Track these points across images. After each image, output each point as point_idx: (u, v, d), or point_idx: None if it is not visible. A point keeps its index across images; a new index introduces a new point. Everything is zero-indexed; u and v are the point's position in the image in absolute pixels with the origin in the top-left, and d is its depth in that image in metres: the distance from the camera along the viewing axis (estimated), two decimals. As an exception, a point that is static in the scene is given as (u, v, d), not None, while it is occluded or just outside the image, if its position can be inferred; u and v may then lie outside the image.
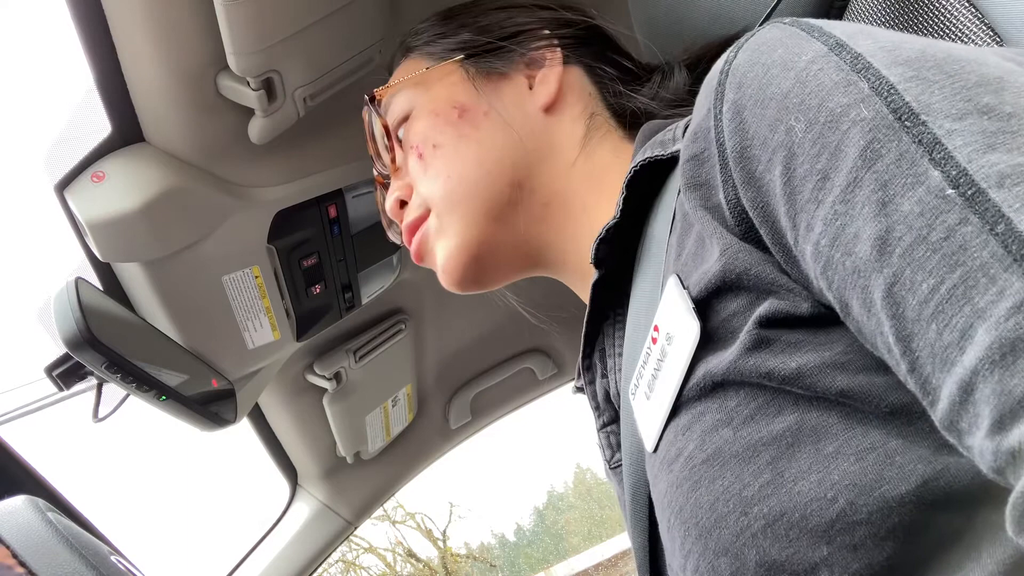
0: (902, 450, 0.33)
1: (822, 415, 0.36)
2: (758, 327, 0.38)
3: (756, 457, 0.37)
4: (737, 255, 0.39)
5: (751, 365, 0.38)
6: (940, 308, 0.28)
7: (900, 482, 0.33)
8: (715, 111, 0.40)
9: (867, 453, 0.34)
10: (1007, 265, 0.26)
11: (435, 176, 0.59)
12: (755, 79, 0.38)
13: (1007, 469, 0.26)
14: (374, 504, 1.48)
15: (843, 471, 0.34)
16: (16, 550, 0.37)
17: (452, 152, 0.59)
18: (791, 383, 0.36)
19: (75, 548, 0.38)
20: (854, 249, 0.32)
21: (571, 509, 11.71)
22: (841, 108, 0.33)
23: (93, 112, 0.72)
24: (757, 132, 0.37)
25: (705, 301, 0.41)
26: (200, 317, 0.88)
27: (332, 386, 1.17)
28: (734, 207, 0.39)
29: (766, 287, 0.38)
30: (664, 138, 0.50)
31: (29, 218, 0.89)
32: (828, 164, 0.33)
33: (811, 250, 0.34)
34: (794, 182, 0.35)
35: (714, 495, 0.38)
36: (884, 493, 0.33)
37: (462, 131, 0.59)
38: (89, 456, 4.89)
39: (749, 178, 0.38)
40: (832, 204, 0.33)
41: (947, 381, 0.28)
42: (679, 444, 0.41)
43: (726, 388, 0.39)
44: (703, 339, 0.41)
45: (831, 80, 0.34)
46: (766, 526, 0.35)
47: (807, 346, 0.37)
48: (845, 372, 0.35)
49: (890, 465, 0.33)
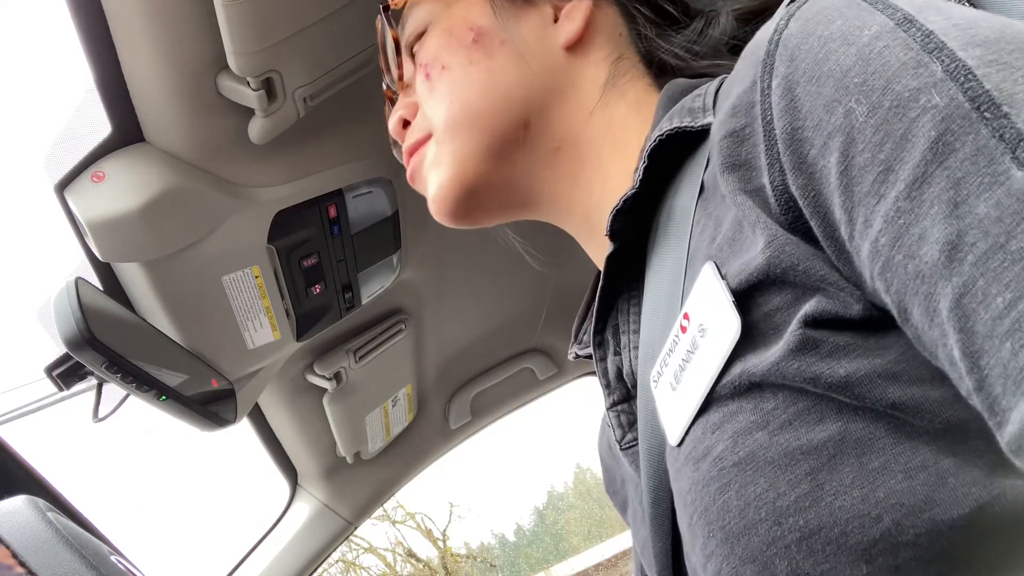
0: (955, 471, 0.31)
1: (868, 427, 0.33)
2: (804, 327, 0.35)
3: (794, 466, 0.35)
4: (784, 248, 0.36)
5: (795, 368, 0.35)
6: (1017, 326, 0.26)
7: (952, 506, 0.31)
8: (762, 85, 0.36)
9: (917, 472, 0.32)
10: None
11: (439, 99, 0.55)
12: (810, 52, 0.34)
13: None
14: (374, 504, 1.48)
15: (889, 489, 0.32)
16: (16, 550, 0.37)
17: (460, 76, 0.54)
18: (837, 391, 0.34)
19: (75, 548, 0.38)
20: (918, 252, 0.29)
21: (571, 509, 11.72)
22: (910, 92, 0.30)
23: (93, 112, 0.72)
24: (811, 112, 0.34)
25: (745, 294, 0.38)
26: (200, 317, 0.88)
27: (332, 386, 1.17)
28: (780, 193, 0.36)
29: (814, 284, 0.35)
30: (693, 105, 0.46)
31: (29, 218, 0.89)
32: (892, 155, 0.30)
33: (868, 248, 0.32)
34: (852, 171, 0.32)
35: (744, 500, 0.36)
36: (934, 516, 0.31)
37: (473, 56, 0.55)
38: (89, 456, 4.89)
39: (800, 163, 0.34)
40: (895, 200, 0.30)
41: (1020, 404, 0.26)
42: (708, 442, 0.39)
43: (763, 389, 0.37)
44: (742, 335, 0.38)
45: (898, 59, 0.31)
46: (801, 539, 0.34)
47: (857, 351, 0.34)
48: (898, 383, 0.33)
49: (942, 486, 0.31)
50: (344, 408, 1.23)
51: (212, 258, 0.84)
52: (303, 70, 0.72)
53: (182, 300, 0.85)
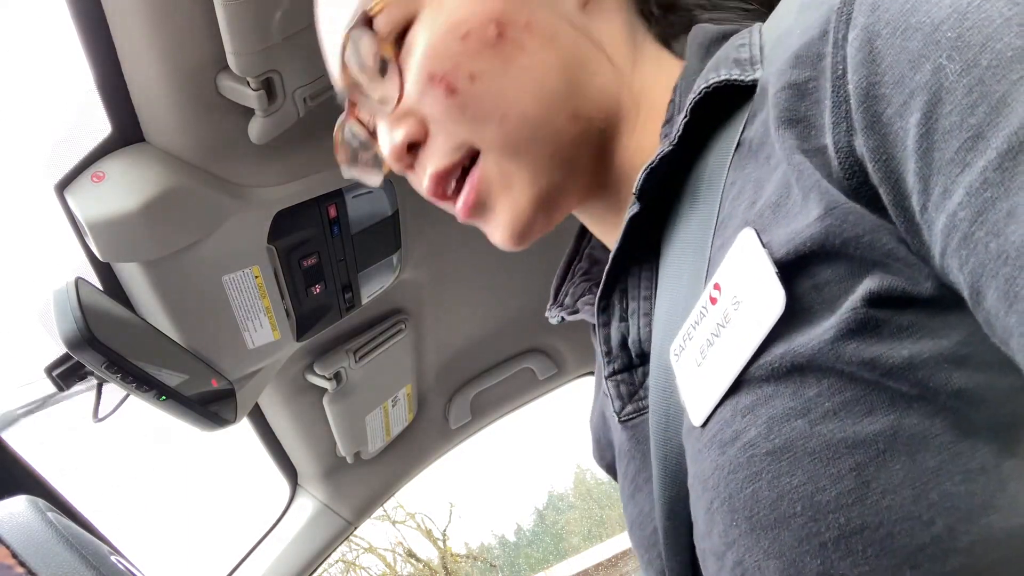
0: (1018, 475, 0.29)
1: (923, 421, 0.30)
2: (867, 305, 0.32)
3: (837, 459, 0.32)
4: (847, 217, 0.32)
5: (852, 350, 0.32)
6: None
7: (1012, 513, 0.29)
8: (836, 36, 0.33)
9: (977, 474, 0.29)
10: None
11: (484, 116, 0.46)
12: (896, 2, 0.31)
13: None
14: (374, 504, 1.48)
15: (944, 491, 0.29)
16: (16, 550, 0.37)
17: (499, 84, 0.45)
18: (896, 376, 0.31)
19: (75, 548, 0.38)
20: (1004, 230, 0.26)
21: (571, 509, 11.72)
22: (1013, 52, 0.27)
23: (93, 112, 0.72)
24: (893, 67, 0.30)
25: (791, 264, 0.34)
26: (200, 317, 0.88)
27: (332, 386, 1.17)
28: (845, 155, 0.32)
29: (877, 258, 0.32)
30: (739, 56, 0.42)
31: (29, 218, 0.89)
32: (986, 119, 0.27)
33: (944, 220, 0.29)
34: (935, 135, 0.28)
35: (778, 492, 0.33)
36: (992, 523, 0.29)
37: (506, 55, 0.45)
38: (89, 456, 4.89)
39: (873, 122, 0.31)
40: (983, 170, 0.27)
41: None
42: (737, 426, 0.36)
43: (805, 373, 0.33)
44: (786, 310, 0.34)
45: (1001, 15, 0.28)
46: (840, 537, 0.31)
47: (921, 332, 0.31)
48: (964, 368, 0.30)
49: (1002, 492, 0.29)
50: (344, 408, 1.23)
51: (212, 258, 0.84)
52: (303, 70, 0.72)
53: (182, 300, 0.85)
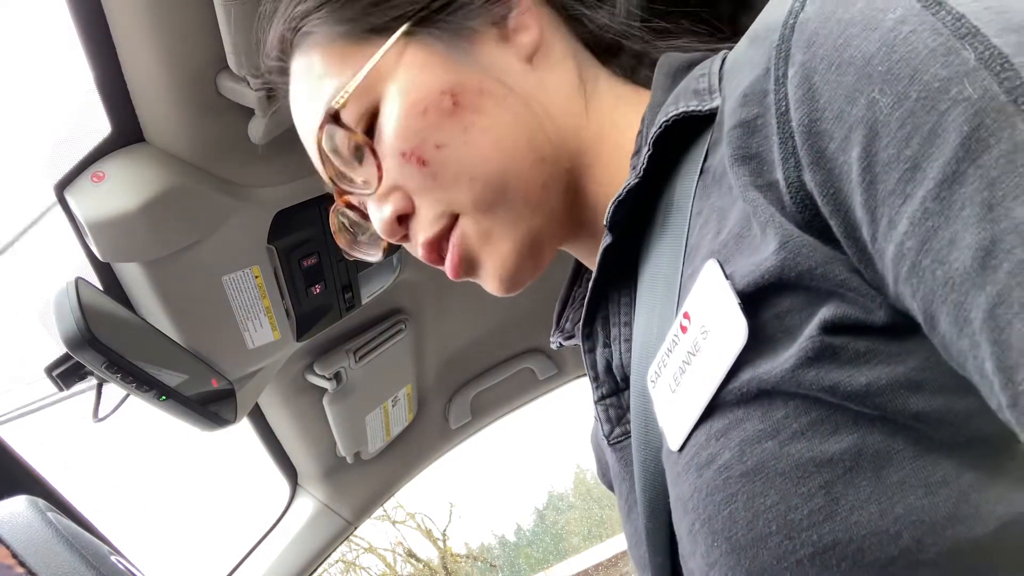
0: (979, 487, 0.30)
1: (886, 439, 0.31)
2: (822, 333, 0.33)
3: (807, 478, 0.33)
4: (800, 250, 0.33)
5: (812, 377, 0.33)
6: None
7: (975, 523, 0.29)
8: (776, 73, 0.34)
9: (939, 487, 0.30)
10: None
11: (453, 181, 0.49)
12: (829, 38, 0.31)
13: None
14: (374, 504, 1.48)
15: (909, 504, 0.30)
16: (16, 550, 0.37)
17: (463, 149, 0.48)
18: (856, 400, 0.32)
19: (75, 548, 0.38)
20: (948, 257, 0.27)
21: (571, 509, 11.72)
22: (940, 83, 0.27)
23: (93, 112, 0.72)
24: (831, 103, 0.31)
25: (753, 296, 0.35)
26: (200, 317, 0.88)
27: (332, 386, 1.17)
28: (796, 190, 0.33)
29: (832, 288, 0.33)
30: (699, 86, 0.43)
31: (29, 218, 0.89)
32: (920, 151, 0.28)
33: (893, 251, 0.29)
34: (875, 168, 0.29)
35: (753, 512, 0.34)
36: (956, 534, 0.29)
37: (465, 121, 0.48)
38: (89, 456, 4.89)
39: (818, 157, 0.32)
40: (923, 200, 0.27)
41: None
42: (712, 449, 0.37)
43: (773, 397, 0.35)
44: (749, 338, 0.36)
45: (926, 46, 0.28)
46: (814, 554, 0.32)
47: (878, 358, 0.32)
48: (921, 392, 0.31)
49: (964, 503, 0.29)
50: (344, 408, 1.23)
51: (212, 258, 0.84)
52: (303, 70, 0.72)
53: (182, 300, 0.85)
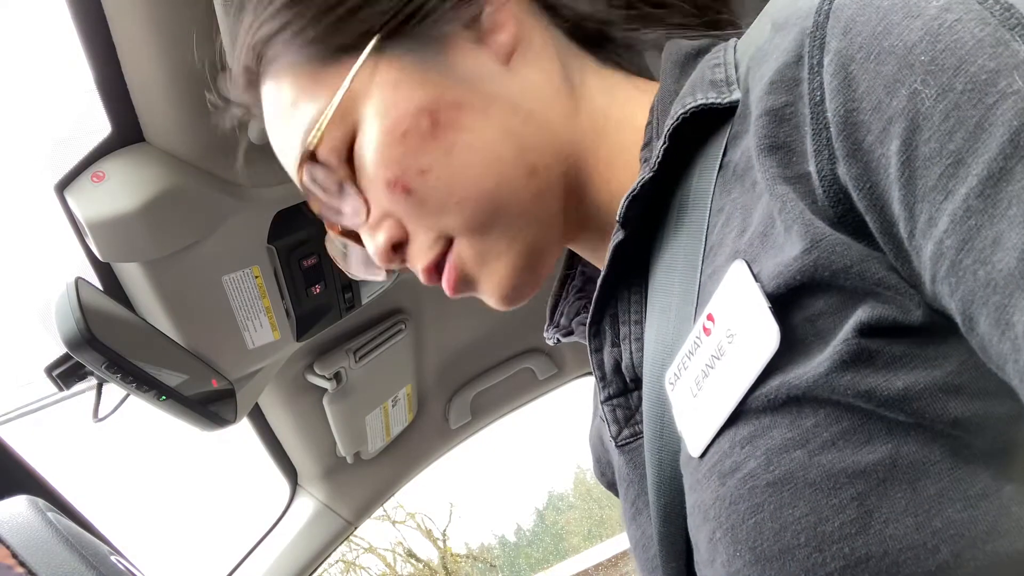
0: (1019, 499, 0.29)
1: (922, 449, 0.30)
2: (859, 336, 0.31)
3: (838, 490, 0.31)
4: (833, 249, 0.32)
5: (847, 382, 0.31)
6: None
7: (1017, 537, 0.28)
8: (811, 61, 0.32)
9: (979, 500, 0.29)
10: None
11: (442, 206, 0.46)
12: (868, 24, 0.30)
13: None
14: (374, 504, 1.48)
15: (947, 518, 0.29)
16: (16, 550, 0.37)
17: (448, 171, 0.45)
18: (893, 407, 0.31)
19: (75, 548, 0.38)
20: (991, 257, 0.26)
21: (571, 509, 11.72)
22: (987, 75, 0.26)
23: (93, 112, 0.72)
24: (869, 92, 0.30)
25: (783, 298, 0.34)
26: (200, 317, 0.88)
27: (332, 386, 1.17)
28: (829, 183, 0.32)
29: (867, 288, 0.31)
30: (715, 77, 0.41)
31: (29, 218, 0.89)
32: (965, 145, 0.26)
33: (931, 249, 0.28)
34: (915, 162, 0.28)
35: (781, 523, 0.33)
36: (997, 548, 0.28)
37: (447, 141, 0.44)
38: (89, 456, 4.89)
39: (854, 149, 0.30)
40: (966, 198, 0.26)
41: None
42: (736, 457, 0.36)
43: (802, 404, 0.33)
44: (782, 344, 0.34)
45: (973, 36, 0.27)
46: (845, 567, 0.31)
47: (915, 362, 0.30)
48: (960, 397, 0.30)
49: (1006, 516, 0.29)
50: (344, 408, 1.23)
51: (212, 258, 0.84)
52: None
53: (182, 300, 0.85)
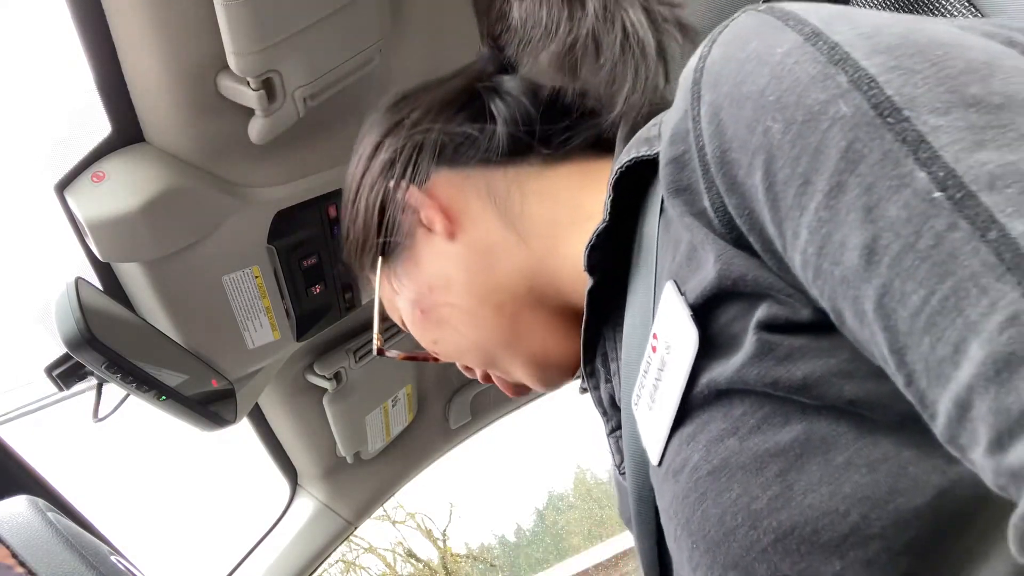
0: (915, 460, 0.32)
1: (831, 425, 0.34)
2: (760, 330, 0.36)
3: (764, 469, 0.36)
4: (732, 260, 0.37)
5: (756, 373, 0.36)
6: (932, 321, 0.27)
7: (915, 494, 0.31)
8: (692, 112, 0.37)
9: (879, 464, 0.32)
10: (1000, 274, 0.25)
11: (459, 357, 0.61)
12: (730, 76, 0.35)
13: (1009, 487, 0.26)
14: (374, 504, 1.48)
15: (855, 483, 0.33)
16: (16, 550, 0.37)
17: (448, 337, 0.59)
18: (798, 392, 0.35)
19: (75, 548, 0.38)
20: (841, 258, 0.30)
21: (571, 509, 11.71)
22: (819, 105, 0.31)
23: (93, 112, 0.72)
24: (736, 134, 0.35)
25: (703, 307, 0.39)
26: (200, 317, 0.88)
27: (332, 386, 1.17)
28: (721, 214, 0.37)
29: (763, 291, 0.36)
30: (649, 134, 0.47)
31: (29, 218, 0.89)
32: (809, 167, 0.31)
33: (799, 258, 0.33)
34: (776, 187, 0.33)
35: (722, 508, 0.37)
36: (899, 506, 0.32)
37: (436, 319, 0.59)
38: (89, 456, 4.88)
39: (732, 184, 0.36)
40: (816, 211, 0.31)
41: (943, 397, 0.27)
42: (684, 454, 0.40)
43: (731, 396, 0.38)
44: (704, 347, 0.39)
45: (807, 74, 0.32)
46: (776, 540, 0.34)
47: (811, 353, 0.35)
48: (852, 380, 0.34)
49: (903, 476, 0.32)
50: (344, 408, 1.23)
51: (212, 258, 0.84)
52: (303, 70, 0.72)
53: (182, 300, 0.85)
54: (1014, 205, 0.25)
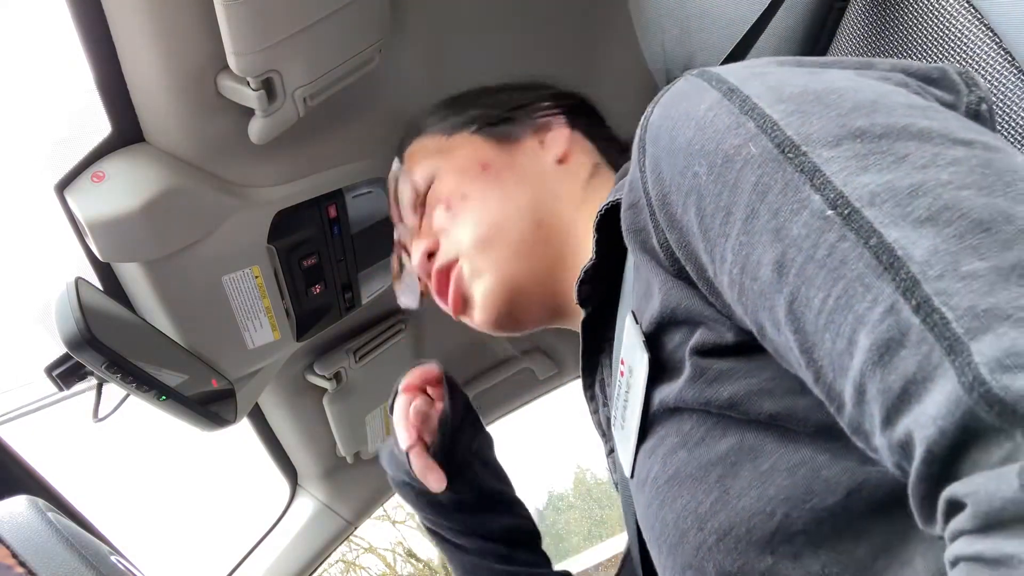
0: (829, 464, 0.36)
1: (759, 436, 0.39)
2: (694, 355, 0.41)
3: (707, 476, 0.40)
4: (671, 291, 0.43)
5: (692, 395, 0.41)
6: (831, 318, 0.31)
7: (828, 494, 0.36)
8: (640, 164, 0.43)
9: (798, 468, 0.37)
10: (879, 274, 0.29)
11: (465, 223, 0.64)
12: (666, 131, 0.41)
13: (902, 462, 0.28)
14: (374, 504, 1.48)
15: (778, 486, 0.37)
16: (16, 550, 0.37)
17: (480, 201, 0.64)
18: (727, 409, 0.40)
19: (75, 548, 0.38)
20: (759, 274, 0.35)
21: (571, 509, 11.71)
22: (734, 148, 0.36)
23: (93, 112, 0.72)
24: (672, 180, 0.40)
25: (654, 335, 0.45)
26: (200, 317, 0.88)
27: (332, 386, 1.17)
28: (665, 249, 0.43)
29: (696, 319, 0.42)
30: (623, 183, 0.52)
31: (29, 218, 0.89)
32: (729, 200, 0.36)
33: (727, 280, 0.38)
34: (705, 220, 0.38)
35: (676, 513, 0.42)
36: (814, 505, 0.36)
37: (487, 183, 0.65)
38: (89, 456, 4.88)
39: (671, 222, 0.41)
40: (737, 236, 0.36)
41: (846, 386, 0.30)
42: (647, 467, 0.45)
43: (680, 413, 0.43)
44: (657, 370, 0.45)
45: (723, 123, 0.37)
46: (718, 540, 0.39)
47: (737, 374, 0.40)
48: (771, 397, 0.39)
49: (817, 478, 0.36)
50: (344, 408, 1.23)
51: (212, 258, 0.84)
52: (303, 70, 0.72)
53: (182, 300, 0.85)
54: (890, 216, 0.30)
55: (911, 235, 0.29)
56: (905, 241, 0.29)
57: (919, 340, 0.27)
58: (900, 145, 0.32)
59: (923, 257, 0.28)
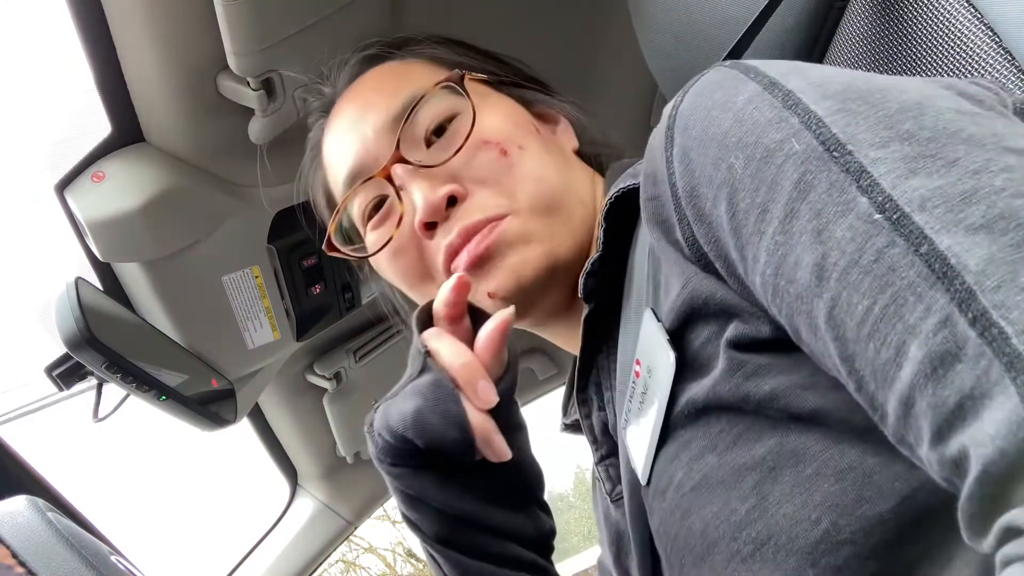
0: (879, 468, 0.34)
1: (800, 437, 0.37)
2: (730, 349, 0.39)
3: (741, 482, 0.38)
4: (700, 284, 0.41)
5: (729, 389, 0.39)
6: (876, 327, 0.29)
7: (880, 501, 0.34)
8: (667, 155, 0.41)
9: (846, 473, 0.35)
10: (932, 283, 0.28)
11: (523, 178, 0.55)
12: (698, 121, 0.39)
13: (952, 478, 0.27)
14: (374, 504, 1.48)
15: (824, 492, 0.35)
16: (16, 550, 0.37)
17: (539, 157, 0.56)
18: (766, 406, 0.38)
19: (75, 548, 0.38)
20: (796, 276, 0.33)
21: (571, 509, 11.71)
22: (775, 143, 0.35)
23: (93, 112, 0.72)
24: (703, 171, 0.39)
25: (678, 332, 0.42)
26: (200, 317, 0.88)
27: (332, 386, 1.17)
28: (691, 243, 0.41)
29: (731, 311, 0.40)
30: (635, 170, 0.50)
31: (29, 218, 0.89)
32: (767, 197, 0.35)
33: (759, 280, 0.36)
34: (738, 216, 0.36)
35: (704, 522, 0.39)
36: (864, 512, 0.34)
37: (543, 142, 0.58)
38: (89, 456, 4.88)
39: (700, 215, 0.39)
40: (773, 235, 0.34)
41: (890, 397, 0.29)
42: (669, 473, 0.43)
43: (708, 414, 0.41)
44: (682, 369, 0.42)
45: (764, 117, 0.36)
46: (755, 550, 0.37)
47: (776, 368, 0.38)
48: (815, 391, 0.37)
49: (868, 484, 0.34)
50: (344, 408, 1.23)
51: (212, 258, 0.84)
52: (303, 70, 0.72)
53: (182, 300, 0.85)
54: (941, 223, 0.28)
55: (964, 243, 0.27)
56: (958, 248, 0.27)
57: (977, 355, 0.26)
58: (950, 149, 0.31)
59: (979, 267, 0.27)
